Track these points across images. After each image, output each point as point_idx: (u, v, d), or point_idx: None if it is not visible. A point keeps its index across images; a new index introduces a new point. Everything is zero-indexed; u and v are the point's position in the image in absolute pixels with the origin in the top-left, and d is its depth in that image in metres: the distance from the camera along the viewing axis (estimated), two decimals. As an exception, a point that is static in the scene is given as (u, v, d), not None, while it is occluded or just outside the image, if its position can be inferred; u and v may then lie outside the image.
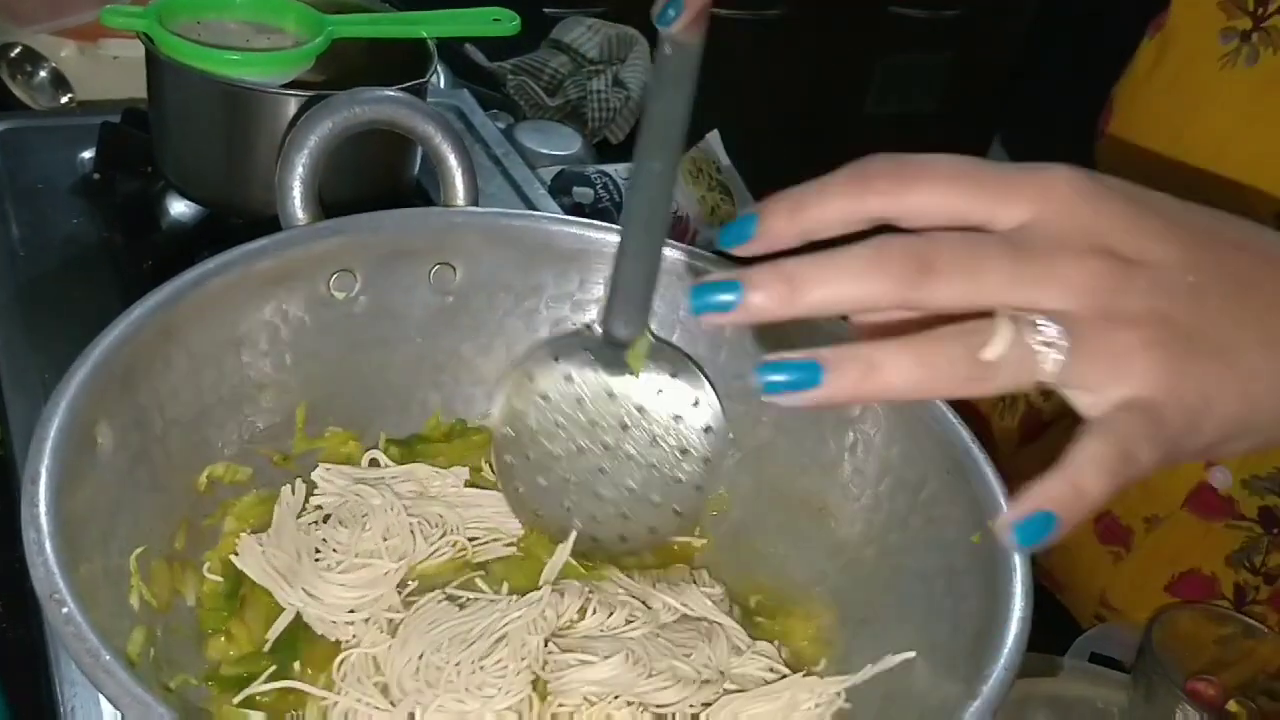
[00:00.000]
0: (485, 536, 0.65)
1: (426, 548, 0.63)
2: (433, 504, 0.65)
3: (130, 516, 0.55)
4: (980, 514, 0.57)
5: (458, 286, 0.70)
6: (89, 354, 0.54)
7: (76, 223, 0.95)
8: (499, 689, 0.55)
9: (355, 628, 0.59)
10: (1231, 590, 0.86)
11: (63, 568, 0.46)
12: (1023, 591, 0.53)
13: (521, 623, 0.59)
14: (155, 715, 0.41)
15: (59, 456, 0.49)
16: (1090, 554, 0.92)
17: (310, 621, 0.59)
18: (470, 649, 0.57)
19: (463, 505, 0.66)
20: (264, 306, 0.64)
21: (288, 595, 0.59)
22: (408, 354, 0.70)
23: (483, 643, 0.58)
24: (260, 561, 0.60)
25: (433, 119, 0.69)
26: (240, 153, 0.86)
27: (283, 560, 0.60)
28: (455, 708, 0.54)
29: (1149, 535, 0.88)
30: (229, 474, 0.62)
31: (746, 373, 0.70)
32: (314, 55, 0.89)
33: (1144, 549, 0.89)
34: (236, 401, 0.63)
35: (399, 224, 0.68)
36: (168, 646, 0.54)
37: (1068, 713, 0.80)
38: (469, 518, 0.65)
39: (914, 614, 0.60)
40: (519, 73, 1.37)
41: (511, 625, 0.58)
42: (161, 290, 0.58)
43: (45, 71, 1.16)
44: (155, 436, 0.58)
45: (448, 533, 0.64)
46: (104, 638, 0.44)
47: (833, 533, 0.66)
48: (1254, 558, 0.85)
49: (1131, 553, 0.89)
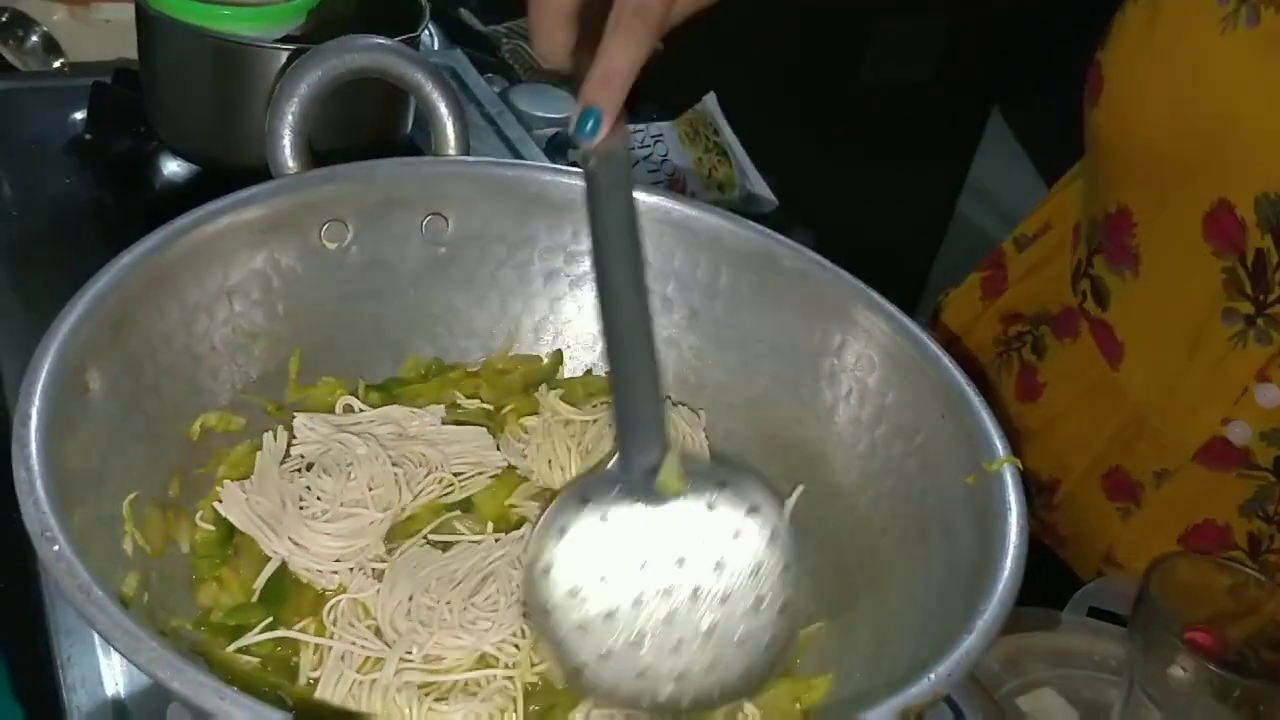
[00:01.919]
0: (469, 471, 0.65)
1: (411, 497, 0.62)
2: (414, 444, 0.65)
3: (123, 463, 0.55)
4: (975, 456, 0.57)
5: (450, 237, 0.70)
6: (78, 300, 0.54)
7: (69, 182, 0.94)
8: (493, 622, 0.55)
9: (340, 575, 0.59)
10: (1245, 540, 0.86)
11: (54, 507, 0.46)
12: (1017, 529, 0.53)
13: (506, 559, 0.59)
14: (146, 649, 0.41)
15: (49, 399, 0.49)
16: (1098, 511, 0.92)
17: (296, 570, 0.59)
18: (458, 588, 0.57)
19: (444, 442, 0.65)
20: (255, 256, 0.64)
21: (274, 544, 0.59)
22: (401, 305, 0.70)
23: (470, 581, 0.57)
24: (245, 509, 0.59)
25: (423, 67, 0.68)
26: (232, 108, 0.86)
27: (267, 508, 0.60)
28: (452, 643, 0.54)
29: (1159, 489, 0.88)
30: (222, 423, 0.62)
31: (740, 323, 0.70)
32: (305, 10, 0.89)
33: (1154, 503, 0.88)
34: (229, 351, 0.63)
35: (390, 172, 0.67)
36: (161, 592, 0.54)
37: (1066, 665, 0.80)
38: (451, 454, 0.65)
39: (910, 556, 0.60)
40: (513, 36, 1.36)
41: (497, 563, 0.58)
42: (151, 237, 0.58)
43: (36, 35, 1.15)
44: (147, 384, 0.58)
45: (433, 470, 0.64)
46: (97, 576, 0.44)
47: (829, 480, 0.66)
48: (1267, 506, 0.84)
49: (1141, 507, 0.89)
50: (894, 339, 0.64)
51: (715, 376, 0.71)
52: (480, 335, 0.72)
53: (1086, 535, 0.94)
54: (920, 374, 0.63)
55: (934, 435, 0.61)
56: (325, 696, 0.53)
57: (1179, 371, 0.83)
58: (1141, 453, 0.88)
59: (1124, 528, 0.91)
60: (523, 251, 0.72)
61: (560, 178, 0.70)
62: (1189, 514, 0.87)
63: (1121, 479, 0.90)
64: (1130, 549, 0.91)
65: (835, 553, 0.64)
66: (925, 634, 0.54)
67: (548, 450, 0.66)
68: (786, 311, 0.69)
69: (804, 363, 0.68)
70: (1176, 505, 0.88)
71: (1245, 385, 0.80)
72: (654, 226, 0.68)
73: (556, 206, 0.71)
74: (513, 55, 1.34)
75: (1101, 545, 0.92)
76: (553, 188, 0.70)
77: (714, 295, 0.71)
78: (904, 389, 0.64)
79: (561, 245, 0.72)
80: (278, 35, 0.87)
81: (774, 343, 0.69)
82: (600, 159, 0.54)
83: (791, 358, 0.69)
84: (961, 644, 0.47)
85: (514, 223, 0.71)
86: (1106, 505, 0.91)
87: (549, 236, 0.71)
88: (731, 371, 0.71)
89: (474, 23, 1.37)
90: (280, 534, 0.59)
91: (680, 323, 0.72)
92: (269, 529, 0.59)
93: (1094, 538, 0.93)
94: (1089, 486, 0.92)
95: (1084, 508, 0.93)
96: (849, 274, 0.67)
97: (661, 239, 0.70)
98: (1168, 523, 0.89)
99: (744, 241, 0.69)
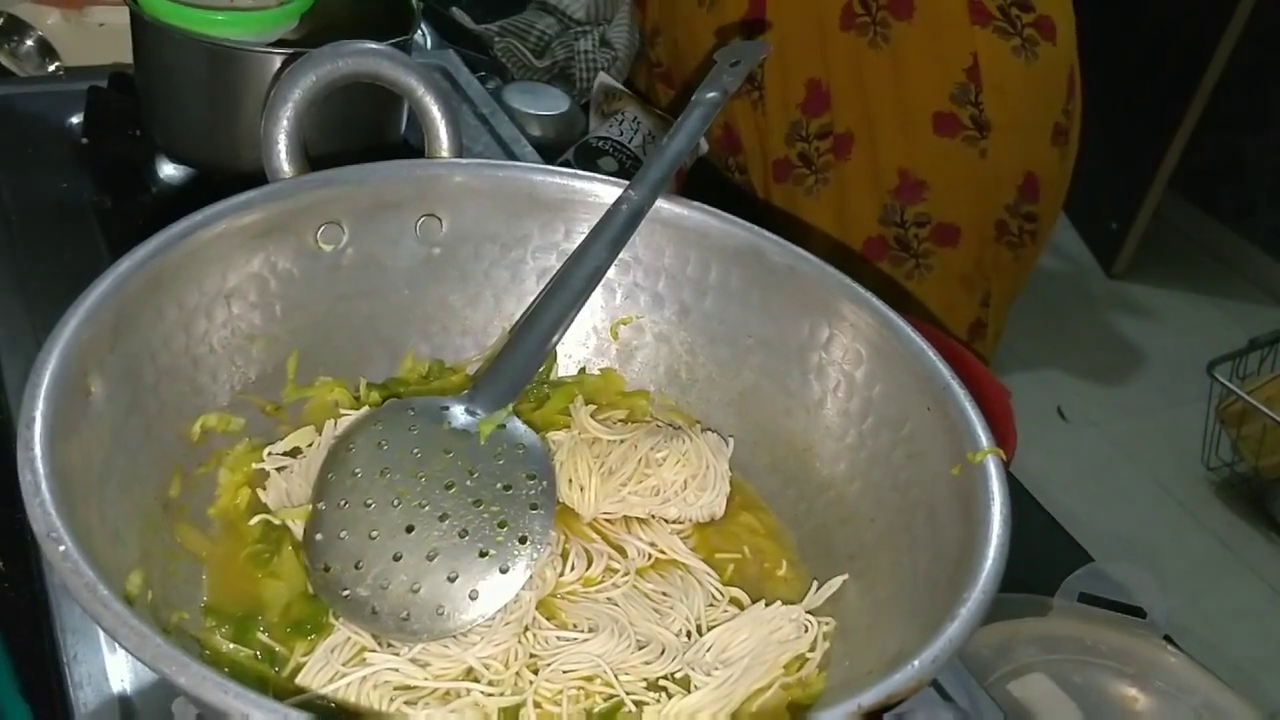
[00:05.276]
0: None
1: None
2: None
3: (125, 463, 0.56)
4: (960, 446, 0.59)
5: (444, 237, 0.71)
6: (80, 304, 0.55)
7: (66, 187, 0.95)
8: (483, 638, 0.56)
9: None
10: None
11: (59, 508, 0.47)
12: (1001, 519, 0.54)
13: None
14: (152, 645, 0.43)
15: (52, 403, 0.51)
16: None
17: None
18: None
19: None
20: (252, 259, 0.65)
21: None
22: (396, 304, 0.71)
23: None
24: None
25: (415, 71, 0.69)
26: (227, 112, 0.87)
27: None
28: (439, 651, 0.55)
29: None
30: (222, 423, 0.63)
31: (729, 318, 0.72)
32: (298, 14, 0.89)
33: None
34: (228, 352, 0.64)
35: (384, 175, 0.68)
36: (165, 588, 0.55)
37: (1057, 651, 0.81)
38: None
39: (896, 546, 0.61)
40: (506, 35, 1.37)
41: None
42: (149, 243, 0.59)
43: (32, 40, 1.16)
44: (148, 386, 0.59)
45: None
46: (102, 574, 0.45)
47: (818, 471, 0.67)
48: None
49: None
50: (880, 332, 0.65)
51: (705, 371, 0.73)
52: (475, 333, 0.73)
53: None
54: (906, 367, 0.64)
55: (920, 426, 0.62)
56: (306, 683, 0.54)
57: None
58: None
59: None
60: (516, 250, 0.73)
61: (552, 178, 0.71)
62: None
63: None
64: None
65: (825, 543, 0.65)
66: (912, 621, 0.55)
67: (569, 469, 0.66)
68: (775, 306, 0.70)
69: (792, 357, 0.69)
70: None
71: None
72: (644, 224, 0.69)
73: (548, 205, 0.72)
74: (505, 53, 1.35)
75: None
76: (544, 187, 0.71)
77: (703, 291, 0.72)
78: (890, 381, 0.65)
79: (554, 244, 0.73)
80: (271, 39, 0.88)
81: (763, 337, 0.70)
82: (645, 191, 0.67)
83: (780, 352, 0.70)
84: (944, 632, 0.48)
85: (507, 222, 0.72)
86: None
87: (541, 235, 0.72)
88: (721, 366, 0.72)
89: (466, 21, 1.37)
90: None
91: (670, 318, 0.73)
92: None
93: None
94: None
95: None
96: (835, 269, 0.68)
97: (652, 236, 0.71)
98: None
99: (732, 238, 0.70)
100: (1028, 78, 1.13)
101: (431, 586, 0.56)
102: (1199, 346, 2.45)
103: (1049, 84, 1.16)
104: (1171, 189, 2.85)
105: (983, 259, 1.21)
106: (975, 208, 1.18)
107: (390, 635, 0.55)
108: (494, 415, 0.62)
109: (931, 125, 1.14)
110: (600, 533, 0.65)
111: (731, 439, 0.70)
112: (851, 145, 1.18)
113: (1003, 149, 1.15)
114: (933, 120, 1.14)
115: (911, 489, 0.61)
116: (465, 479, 0.59)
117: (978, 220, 1.18)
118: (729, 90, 0.73)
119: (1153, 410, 2.56)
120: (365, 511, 0.58)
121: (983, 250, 1.20)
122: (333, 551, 0.57)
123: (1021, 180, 1.18)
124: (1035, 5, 1.13)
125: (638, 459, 0.65)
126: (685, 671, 0.57)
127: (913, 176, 1.16)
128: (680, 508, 0.65)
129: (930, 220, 1.17)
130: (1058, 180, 1.22)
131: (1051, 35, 1.13)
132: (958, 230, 1.18)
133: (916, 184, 1.16)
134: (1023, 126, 1.16)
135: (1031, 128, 1.17)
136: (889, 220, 1.18)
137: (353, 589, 0.56)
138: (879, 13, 1.13)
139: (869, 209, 1.19)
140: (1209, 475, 2.39)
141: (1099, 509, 2.20)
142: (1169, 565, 2.15)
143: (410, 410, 0.62)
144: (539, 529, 0.58)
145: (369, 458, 0.60)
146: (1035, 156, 1.18)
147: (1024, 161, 1.17)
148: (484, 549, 0.57)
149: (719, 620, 0.60)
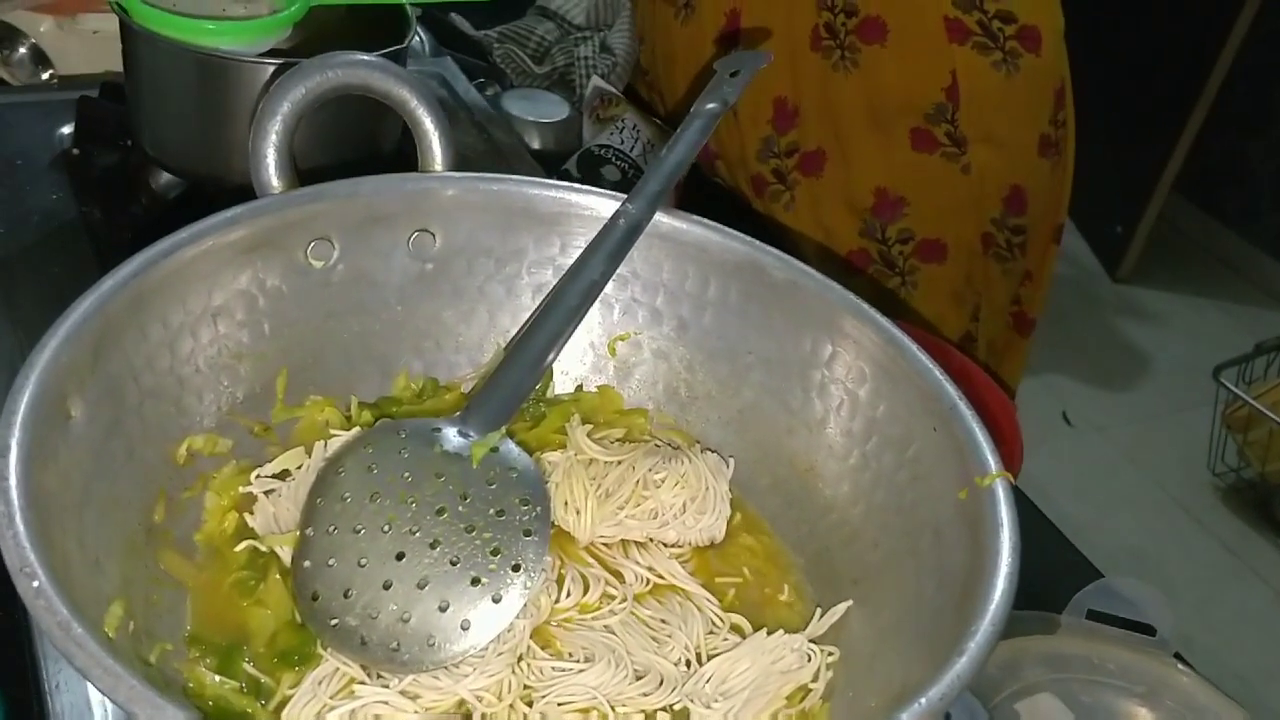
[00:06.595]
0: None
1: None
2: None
3: (106, 488, 0.55)
4: (966, 468, 0.57)
5: (437, 253, 0.70)
6: (59, 326, 0.53)
7: (56, 197, 0.94)
8: (475, 669, 0.54)
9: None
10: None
11: (34, 541, 0.45)
12: (1010, 547, 0.52)
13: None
14: (125, 686, 0.41)
15: (29, 430, 0.49)
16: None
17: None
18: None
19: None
20: (240, 276, 0.63)
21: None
22: (389, 321, 0.69)
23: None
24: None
25: (407, 83, 0.68)
26: (218, 123, 0.85)
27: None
28: (430, 683, 0.54)
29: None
30: (209, 445, 0.62)
31: (729, 334, 0.70)
32: (291, 23, 0.88)
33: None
34: (214, 372, 0.63)
35: (375, 189, 0.67)
36: (147, 618, 0.54)
37: (1064, 669, 0.80)
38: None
39: (901, 571, 0.59)
40: (505, 40, 1.35)
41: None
42: (132, 261, 0.58)
43: (24, 48, 1.15)
44: (130, 407, 0.57)
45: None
46: (78, 610, 0.44)
47: (820, 493, 0.66)
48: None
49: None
50: (884, 350, 0.64)
51: (705, 388, 0.71)
52: (469, 349, 0.72)
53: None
54: (911, 385, 0.62)
55: (925, 447, 0.61)
56: (293, 717, 0.52)
57: None
58: None
59: None
60: (510, 265, 0.71)
61: (547, 191, 0.70)
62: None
63: None
64: None
65: (828, 567, 0.64)
66: (917, 650, 0.53)
67: (565, 491, 0.64)
68: (775, 322, 0.68)
69: (794, 374, 0.68)
70: None
71: None
72: (642, 238, 0.68)
73: (544, 219, 0.70)
74: (504, 59, 1.34)
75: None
76: (540, 201, 0.70)
77: (703, 306, 0.70)
78: (895, 400, 0.63)
79: (550, 258, 0.71)
80: (263, 49, 0.86)
81: (763, 354, 0.69)
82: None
83: (781, 369, 0.68)
84: (953, 667, 0.47)
85: (501, 236, 0.70)
86: None
87: (537, 250, 0.71)
88: (721, 383, 0.71)
89: (465, 27, 1.36)
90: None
91: (669, 334, 0.71)
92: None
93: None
94: None
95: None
96: (838, 285, 0.66)
97: (650, 250, 0.70)
98: None
99: (731, 252, 0.69)
100: (1008, 91, 1.11)
101: (422, 616, 0.54)
102: (1204, 351, 2.44)
103: (1033, 96, 1.14)
104: (1176, 192, 2.83)
105: (972, 274, 1.19)
106: (960, 222, 1.16)
107: (380, 666, 0.54)
108: (487, 438, 0.60)
109: (909, 142, 1.12)
110: (597, 557, 0.63)
111: (732, 459, 0.68)
112: (824, 162, 1.16)
113: (985, 163, 1.13)
114: (910, 137, 1.12)
115: (917, 512, 0.60)
116: (457, 504, 0.58)
117: (963, 234, 1.16)
118: (729, 101, 0.71)
119: (1158, 415, 2.54)
120: (354, 538, 0.56)
121: (971, 264, 1.18)
122: (321, 579, 0.55)
123: (1007, 193, 1.16)
124: (1018, 16, 1.10)
125: (635, 480, 0.64)
126: (684, 703, 0.55)
127: (891, 194, 1.14)
128: (679, 531, 0.64)
129: (914, 236, 1.15)
130: (1048, 192, 1.19)
131: (1035, 46, 1.11)
132: (944, 246, 1.16)
133: (895, 201, 1.14)
134: (1004, 140, 1.13)
135: (1014, 141, 1.14)
136: (870, 235, 1.17)
137: (341, 618, 0.54)
138: (847, 37, 1.10)
139: (847, 224, 1.17)
140: (1215, 480, 2.37)
141: (1104, 514, 2.18)
142: (1174, 571, 2.14)
143: (401, 433, 0.61)
144: (533, 556, 0.56)
145: (358, 482, 0.58)
146: (1021, 169, 1.16)
147: (1009, 175, 1.15)
148: (476, 577, 0.56)
149: (719, 649, 0.59)
